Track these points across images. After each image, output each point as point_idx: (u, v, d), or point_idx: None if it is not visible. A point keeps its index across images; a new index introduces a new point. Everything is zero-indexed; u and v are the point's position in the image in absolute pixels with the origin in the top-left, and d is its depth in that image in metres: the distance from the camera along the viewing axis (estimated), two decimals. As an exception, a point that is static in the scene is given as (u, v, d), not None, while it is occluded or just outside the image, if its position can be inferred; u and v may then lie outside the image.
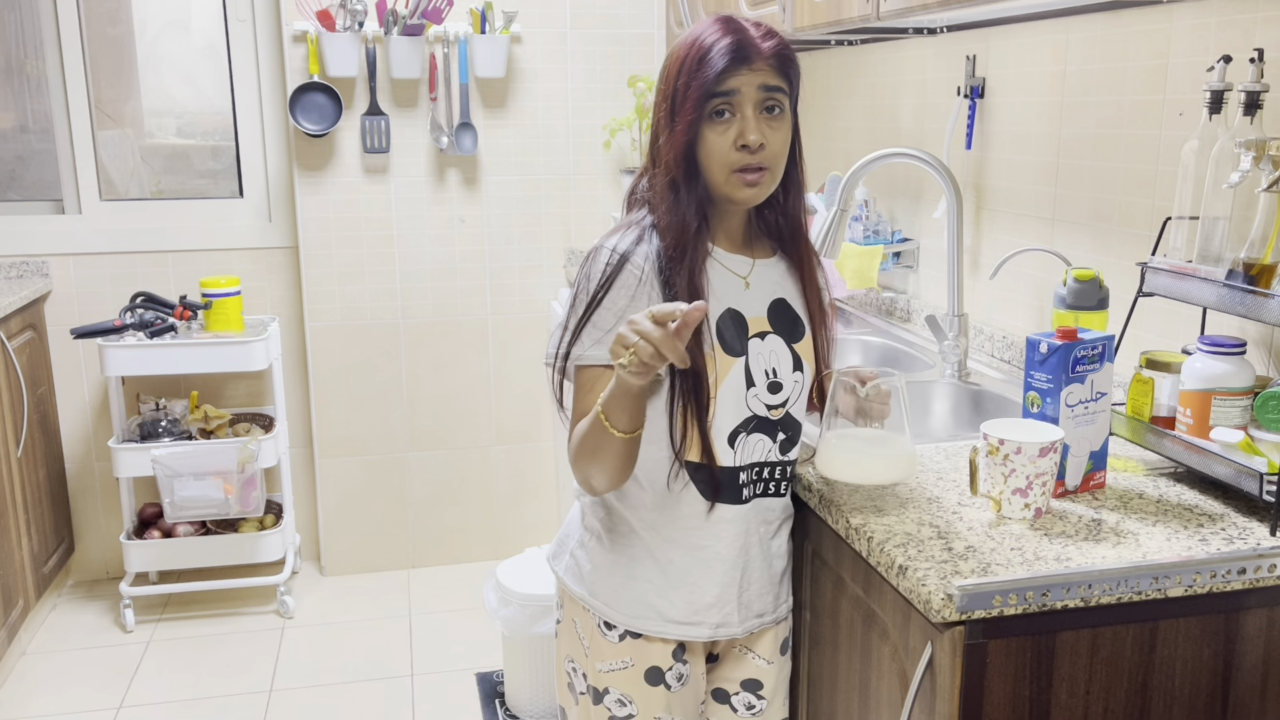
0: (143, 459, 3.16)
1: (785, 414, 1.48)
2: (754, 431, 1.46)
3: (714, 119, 1.37)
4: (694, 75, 1.36)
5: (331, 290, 3.46)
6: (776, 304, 1.48)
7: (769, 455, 1.48)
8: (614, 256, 1.40)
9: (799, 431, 1.52)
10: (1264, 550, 1.27)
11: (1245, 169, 1.41)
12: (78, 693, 2.92)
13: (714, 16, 1.41)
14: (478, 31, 3.31)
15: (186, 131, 3.58)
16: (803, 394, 1.50)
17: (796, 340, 1.49)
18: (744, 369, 1.43)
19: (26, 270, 3.37)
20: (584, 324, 1.39)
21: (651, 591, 1.48)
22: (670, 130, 1.39)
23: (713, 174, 1.39)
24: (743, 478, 1.47)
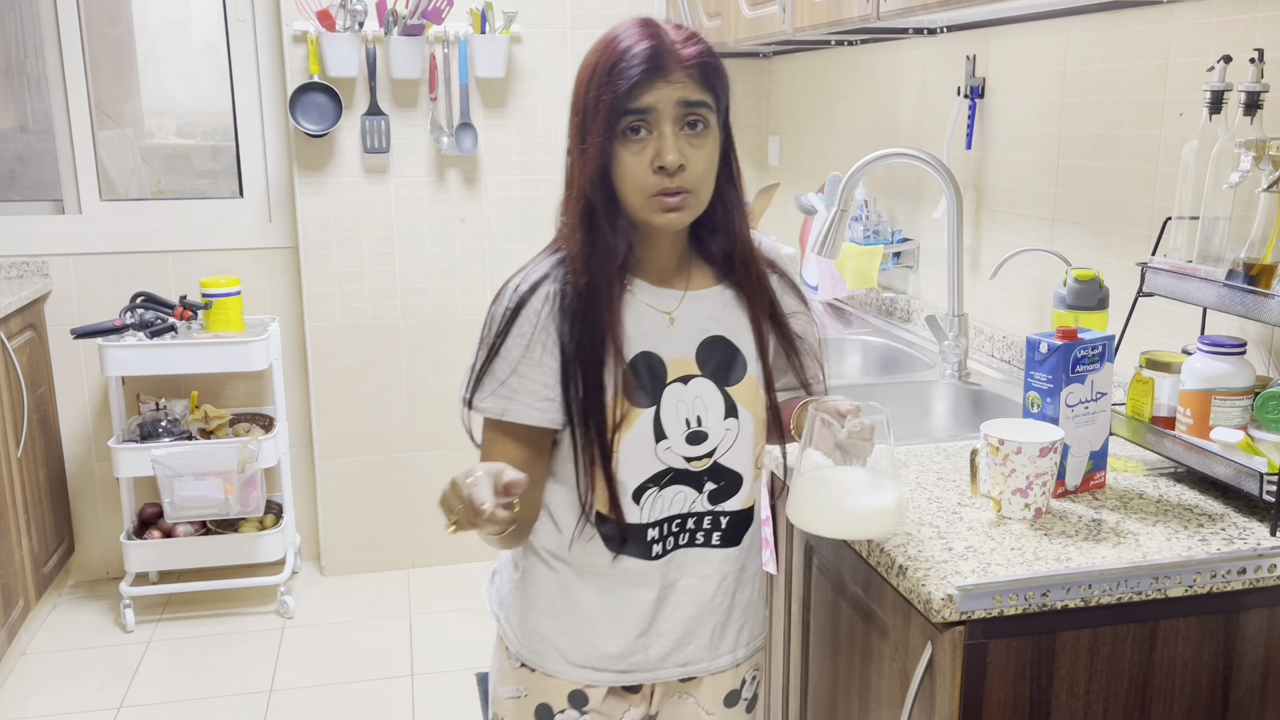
0: (143, 459, 3.16)
1: (713, 464, 1.34)
2: (670, 484, 1.33)
3: (628, 137, 1.22)
4: (604, 88, 1.21)
5: (331, 290, 3.46)
6: (710, 342, 1.33)
7: (692, 507, 1.34)
8: (514, 298, 1.28)
9: (739, 480, 1.36)
10: (1264, 550, 1.27)
11: (1245, 169, 1.41)
12: (78, 693, 2.92)
13: (632, 20, 1.27)
14: (478, 32, 3.31)
15: (186, 131, 3.58)
16: (741, 441, 1.35)
17: (732, 382, 1.34)
18: (652, 420, 1.29)
19: (27, 270, 3.37)
20: (483, 372, 1.29)
21: (553, 628, 1.38)
22: (581, 150, 1.25)
23: (629, 198, 1.25)
24: (653, 533, 1.34)
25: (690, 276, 1.35)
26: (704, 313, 1.34)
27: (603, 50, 1.24)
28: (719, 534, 1.38)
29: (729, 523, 1.38)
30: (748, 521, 1.41)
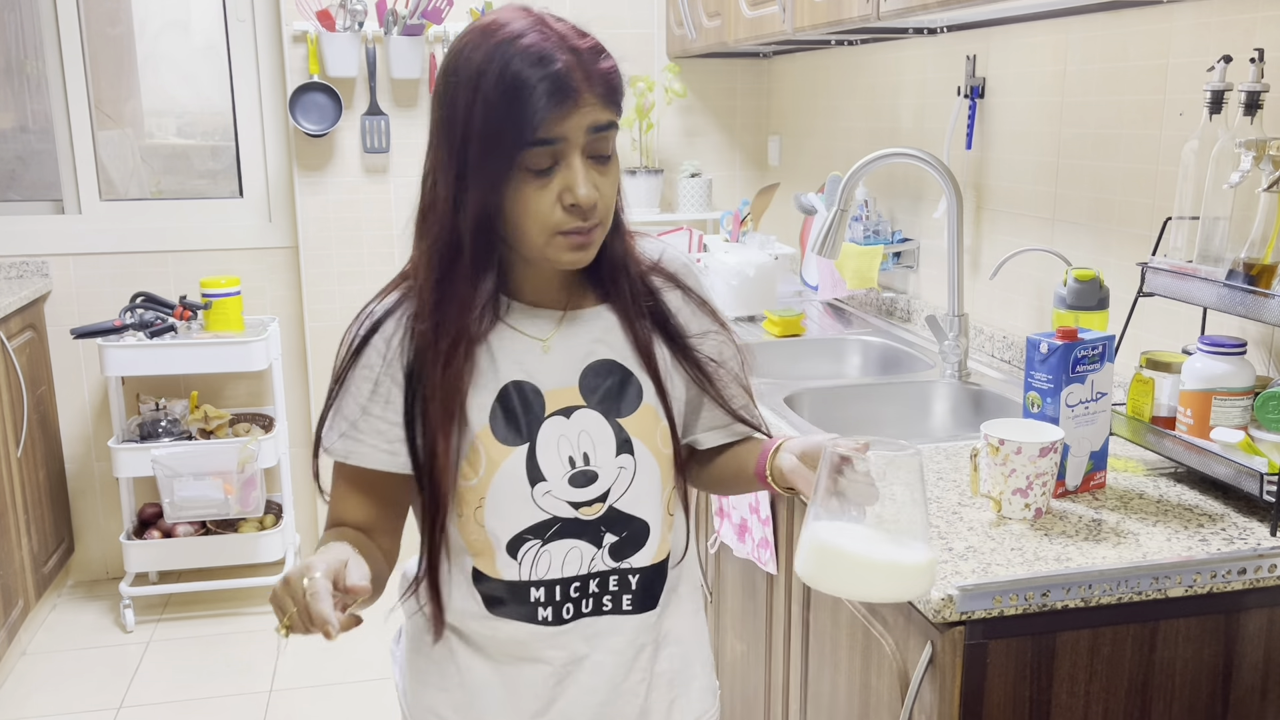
0: (143, 459, 3.16)
1: (609, 510, 1.15)
2: (557, 538, 1.14)
3: (527, 173, 1.04)
4: (499, 117, 1.02)
5: (331, 290, 3.46)
6: (596, 368, 1.16)
7: (591, 565, 1.16)
8: (365, 325, 1.14)
9: (644, 529, 1.17)
10: (1264, 550, 1.27)
11: (1245, 169, 1.41)
12: (78, 693, 2.91)
13: (518, 18, 1.06)
14: (478, 31, 3.31)
15: (186, 131, 3.58)
16: (641, 481, 1.16)
17: (624, 413, 1.16)
18: (525, 460, 1.12)
19: (26, 270, 3.37)
20: (330, 406, 1.15)
21: (445, 703, 1.22)
22: (456, 181, 1.06)
23: (528, 236, 1.07)
24: (538, 594, 1.15)
25: (570, 295, 1.18)
26: (589, 334, 1.17)
27: (490, 66, 1.03)
28: (629, 596, 1.18)
29: (640, 582, 1.18)
30: (662, 577, 1.21)
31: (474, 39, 1.06)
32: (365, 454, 1.14)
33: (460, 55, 1.06)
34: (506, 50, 1.03)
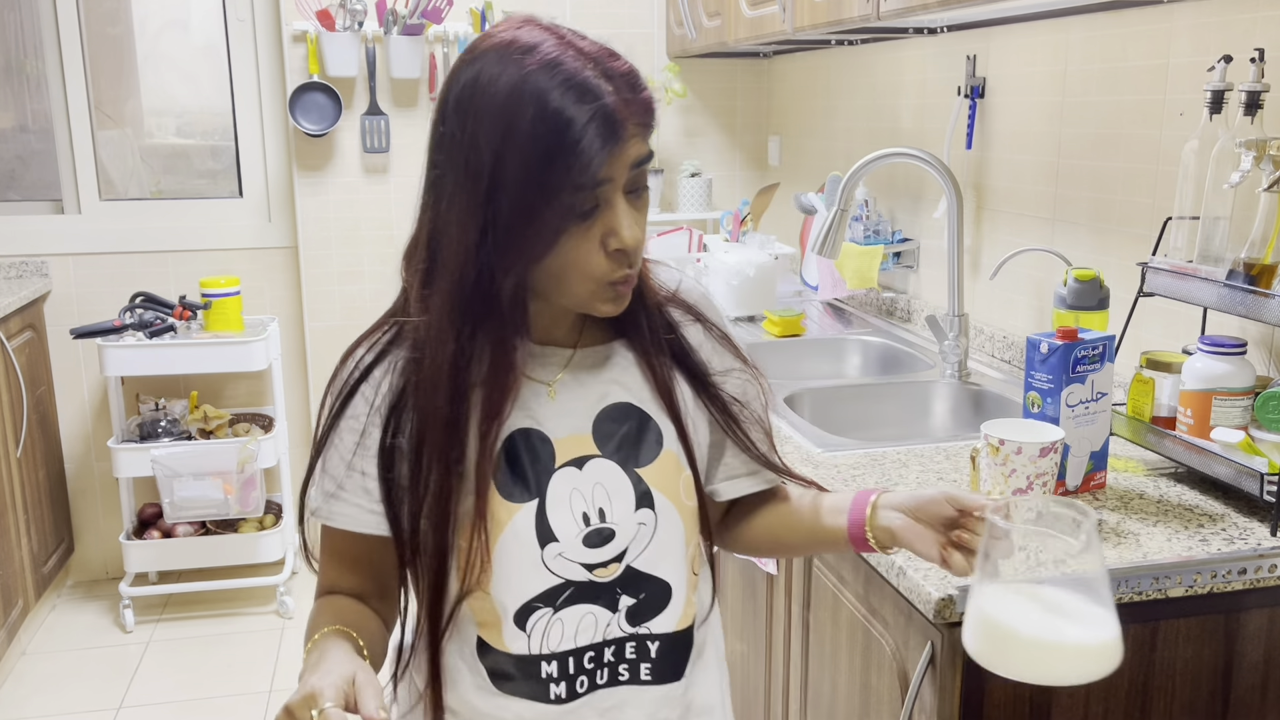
0: (142, 459, 3.16)
1: (627, 571, 1.03)
2: (570, 603, 1.02)
3: (572, 219, 0.93)
4: (540, 162, 0.89)
5: (331, 290, 3.45)
6: (612, 412, 1.05)
7: (607, 633, 1.03)
8: (352, 374, 1.03)
9: (666, 591, 1.05)
10: (1264, 550, 1.27)
11: (1246, 169, 1.41)
12: (77, 693, 2.91)
13: (535, 31, 0.95)
14: (477, 31, 3.31)
15: (186, 131, 3.58)
16: (663, 537, 1.04)
17: (644, 461, 1.04)
18: (534, 518, 1.00)
19: (26, 270, 3.37)
20: (316, 462, 1.05)
21: None
22: (482, 234, 0.93)
23: (569, 287, 0.97)
24: (549, 669, 1.03)
25: (582, 330, 1.07)
26: (602, 375, 1.06)
27: (522, 101, 0.90)
28: (648, 665, 1.06)
29: (660, 649, 1.06)
30: (686, 644, 1.08)
31: (491, 65, 0.92)
32: (343, 513, 1.02)
33: (477, 86, 0.92)
34: (540, 81, 0.90)
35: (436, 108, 0.99)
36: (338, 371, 1.05)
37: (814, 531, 1.11)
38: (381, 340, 1.05)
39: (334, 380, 1.05)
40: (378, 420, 1.01)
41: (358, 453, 1.01)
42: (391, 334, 1.05)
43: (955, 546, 0.97)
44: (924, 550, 0.99)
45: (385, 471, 1.01)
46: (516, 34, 0.94)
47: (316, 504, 1.04)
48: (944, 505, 0.98)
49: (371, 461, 1.01)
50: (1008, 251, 2.14)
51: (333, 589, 1.07)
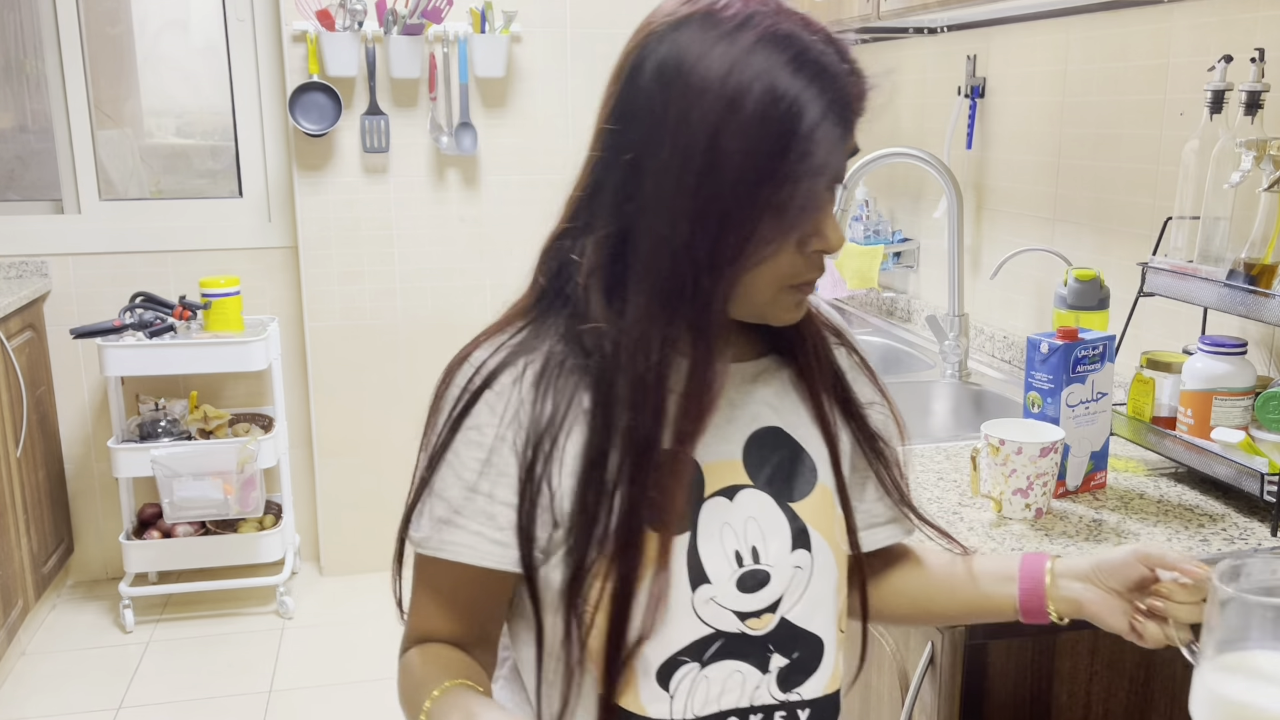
0: (142, 459, 3.16)
1: (780, 624, 0.90)
2: (717, 659, 0.88)
3: (771, 211, 0.81)
4: (778, 152, 0.78)
5: (331, 290, 3.45)
6: (762, 437, 0.92)
7: (755, 697, 0.89)
8: (474, 380, 0.89)
9: (818, 649, 0.92)
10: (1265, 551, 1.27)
11: (1246, 169, 1.41)
12: (77, 693, 2.91)
13: (788, 19, 0.81)
14: (477, 31, 3.31)
15: (186, 131, 3.58)
16: (818, 585, 0.91)
17: (798, 495, 0.92)
18: (686, 555, 0.87)
19: (26, 270, 3.37)
20: (424, 487, 0.91)
21: None
22: (694, 222, 0.81)
23: (753, 289, 0.85)
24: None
25: (728, 343, 0.90)
26: (754, 395, 0.93)
27: (748, 77, 0.78)
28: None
29: (825, 715, 0.93)
30: (834, 712, 0.94)
31: (701, 34, 0.80)
32: (462, 544, 0.87)
33: (685, 56, 0.80)
34: (770, 56, 0.78)
35: (620, 79, 0.85)
36: (450, 375, 0.90)
37: (974, 600, 1.00)
38: (508, 343, 0.90)
39: (446, 385, 0.90)
40: (511, 437, 0.86)
41: (484, 473, 0.87)
42: (521, 336, 0.90)
43: (1147, 614, 0.89)
44: (1113, 623, 0.91)
45: (527, 500, 0.86)
46: (762, 12, 0.81)
47: (425, 532, 0.89)
48: (1135, 566, 0.90)
49: (502, 484, 0.87)
50: (1008, 251, 2.14)
51: (428, 636, 0.94)
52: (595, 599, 0.85)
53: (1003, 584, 0.98)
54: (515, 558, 0.87)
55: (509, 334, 0.91)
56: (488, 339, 0.92)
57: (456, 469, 0.88)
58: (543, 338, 0.89)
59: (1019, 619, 0.97)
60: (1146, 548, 0.91)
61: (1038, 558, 0.98)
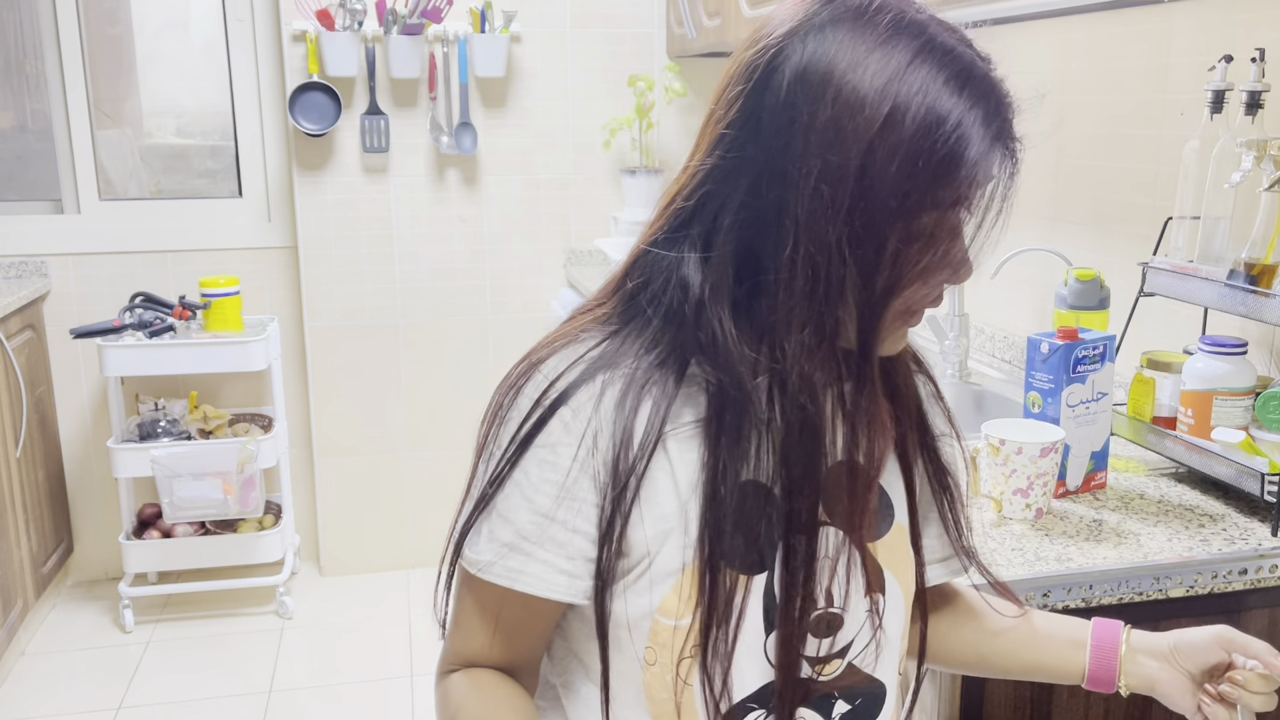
0: (142, 459, 3.16)
1: (847, 669, 0.86)
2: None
3: (912, 235, 0.76)
4: (941, 176, 0.73)
5: (331, 290, 3.45)
6: (840, 469, 0.84)
7: None
8: (548, 394, 0.81)
9: (882, 695, 0.88)
10: (1265, 551, 1.27)
11: (1246, 169, 1.41)
12: (77, 693, 2.91)
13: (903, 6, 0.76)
14: (477, 31, 3.31)
15: (186, 131, 3.58)
16: (886, 629, 0.87)
17: (876, 534, 0.87)
18: (763, 595, 0.81)
19: (25, 270, 3.36)
20: (485, 504, 0.83)
21: None
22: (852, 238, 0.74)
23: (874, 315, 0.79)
24: None
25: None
26: (830, 423, 0.85)
27: (913, 95, 0.72)
28: None
29: None
30: None
31: (848, 41, 0.74)
32: (534, 575, 0.80)
33: (835, 63, 0.73)
34: (930, 72, 0.73)
35: (749, 79, 0.77)
36: (518, 384, 0.83)
37: (1038, 661, 0.96)
38: (586, 355, 0.82)
39: (513, 394, 0.83)
40: (591, 464, 0.79)
41: (560, 500, 0.80)
42: (600, 349, 0.82)
43: (1217, 698, 0.88)
44: (1182, 704, 0.89)
45: (608, 532, 0.79)
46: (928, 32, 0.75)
47: (487, 557, 0.81)
48: (1216, 651, 0.89)
49: (578, 512, 0.80)
50: (1008, 251, 2.14)
51: (471, 659, 0.87)
52: (671, 639, 0.80)
53: (1072, 649, 0.95)
54: (585, 589, 0.81)
55: (586, 345, 0.83)
56: (562, 347, 0.84)
57: (526, 491, 0.81)
58: (624, 354, 0.81)
59: (1083, 685, 0.95)
60: (1230, 633, 0.89)
61: (1111, 626, 0.95)
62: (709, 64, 3.58)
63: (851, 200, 0.73)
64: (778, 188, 0.75)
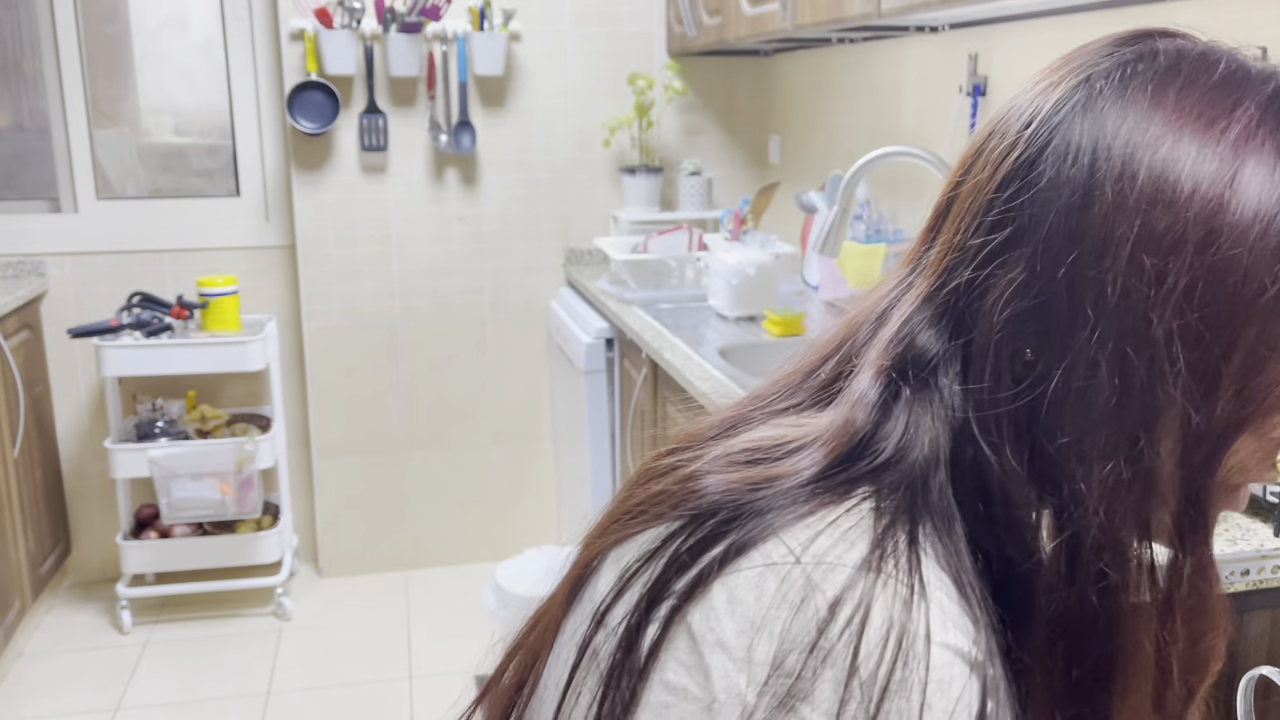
0: (139, 459, 3.15)
1: None
2: None
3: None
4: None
5: (329, 290, 3.44)
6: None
7: None
8: (966, 694, 0.52)
9: None
10: (1267, 551, 1.26)
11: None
12: (74, 695, 2.90)
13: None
14: (476, 29, 3.30)
15: (183, 130, 3.57)
16: None
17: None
18: None
19: (23, 270, 3.35)
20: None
21: None
22: (1193, 336, 0.56)
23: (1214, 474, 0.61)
24: None
25: None
26: None
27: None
28: None
29: None
30: None
31: (1263, 147, 0.58)
32: None
33: (1230, 170, 0.57)
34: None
35: (1100, 171, 0.58)
36: (833, 611, 0.53)
37: None
38: (956, 607, 0.55)
39: (816, 618, 0.52)
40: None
41: None
42: (909, 564, 0.55)
43: None
44: None
45: None
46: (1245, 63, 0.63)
47: None
48: None
49: None
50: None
51: None
52: None
53: None
54: None
55: (847, 507, 0.57)
56: (813, 518, 0.57)
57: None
58: (899, 522, 0.56)
59: None
60: None
61: None
62: (709, 62, 3.57)
63: (1189, 280, 0.55)
64: (1073, 257, 0.58)
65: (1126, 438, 0.56)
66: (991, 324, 0.59)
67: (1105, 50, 0.64)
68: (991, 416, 0.58)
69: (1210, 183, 0.56)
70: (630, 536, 0.61)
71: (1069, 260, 0.57)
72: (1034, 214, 0.59)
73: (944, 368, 0.60)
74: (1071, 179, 0.58)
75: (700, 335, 2.50)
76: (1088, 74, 0.63)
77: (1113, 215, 0.57)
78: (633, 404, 2.76)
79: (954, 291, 0.61)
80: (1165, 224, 0.56)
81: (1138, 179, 0.57)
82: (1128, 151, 0.57)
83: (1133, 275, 0.56)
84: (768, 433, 0.63)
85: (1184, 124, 0.58)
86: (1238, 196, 0.56)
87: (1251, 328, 0.56)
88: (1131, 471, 0.56)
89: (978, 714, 0.52)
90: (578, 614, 0.63)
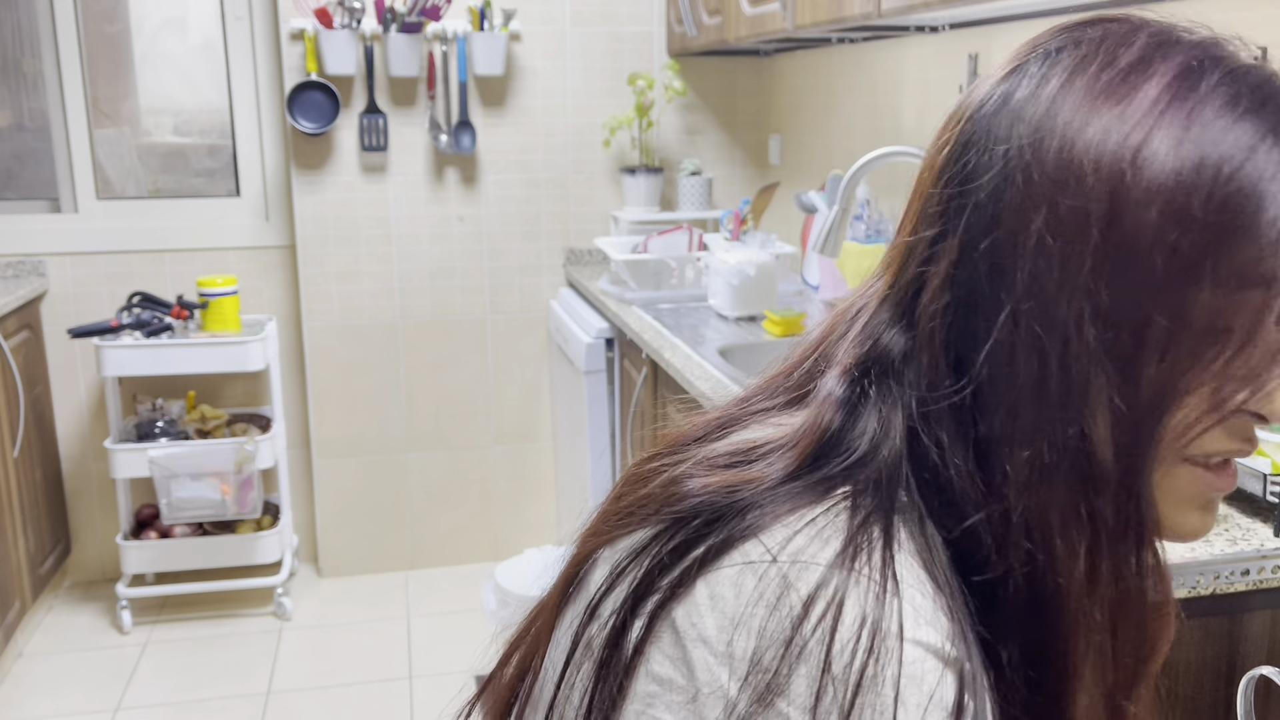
0: (139, 459, 3.15)
1: None
2: None
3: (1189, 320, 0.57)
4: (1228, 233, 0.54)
5: (329, 290, 3.44)
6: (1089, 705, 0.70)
7: None
8: (940, 689, 0.52)
9: None
10: (1267, 551, 1.26)
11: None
12: (74, 695, 2.90)
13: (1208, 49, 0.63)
14: (477, 29, 3.30)
15: (183, 130, 3.57)
16: None
17: None
18: None
19: (23, 270, 3.36)
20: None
21: None
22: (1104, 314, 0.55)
23: (1165, 488, 0.60)
24: None
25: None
26: None
27: (1234, 182, 0.55)
28: None
29: None
30: None
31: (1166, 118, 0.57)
32: None
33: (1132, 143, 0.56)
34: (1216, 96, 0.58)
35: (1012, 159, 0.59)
36: (807, 607, 0.53)
37: None
38: (933, 609, 0.55)
39: (789, 615, 0.53)
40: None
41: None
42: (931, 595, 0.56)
43: None
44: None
45: None
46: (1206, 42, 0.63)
47: None
48: None
49: None
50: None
51: None
52: None
53: None
54: None
55: (824, 506, 0.58)
56: (791, 517, 0.57)
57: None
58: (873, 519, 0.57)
59: None
60: None
61: None
62: (709, 62, 3.57)
63: (1095, 259, 0.55)
64: (988, 245, 0.58)
65: (1050, 422, 0.56)
66: (927, 318, 0.60)
67: (1040, 40, 0.63)
68: (933, 412, 0.59)
69: (1112, 158, 0.56)
70: (620, 537, 0.63)
71: (985, 249, 0.58)
72: (959, 206, 0.60)
73: (905, 365, 0.61)
74: (989, 169, 0.59)
75: (700, 335, 2.50)
76: (1016, 65, 0.62)
77: (1023, 202, 0.57)
78: (633, 404, 2.76)
79: (904, 288, 0.63)
80: (1069, 205, 0.56)
81: (1045, 164, 0.57)
82: (1037, 138, 0.58)
83: (1040, 258, 0.56)
84: (748, 435, 0.65)
85: (1093, 104, 0.57)
86: (1142, 168, 0.55)
87: (1164, 299, 0.55)
88: (1057, 455, 0.56)
89: (953, 709, 0.52)
90: (573, 608, 0.64)
